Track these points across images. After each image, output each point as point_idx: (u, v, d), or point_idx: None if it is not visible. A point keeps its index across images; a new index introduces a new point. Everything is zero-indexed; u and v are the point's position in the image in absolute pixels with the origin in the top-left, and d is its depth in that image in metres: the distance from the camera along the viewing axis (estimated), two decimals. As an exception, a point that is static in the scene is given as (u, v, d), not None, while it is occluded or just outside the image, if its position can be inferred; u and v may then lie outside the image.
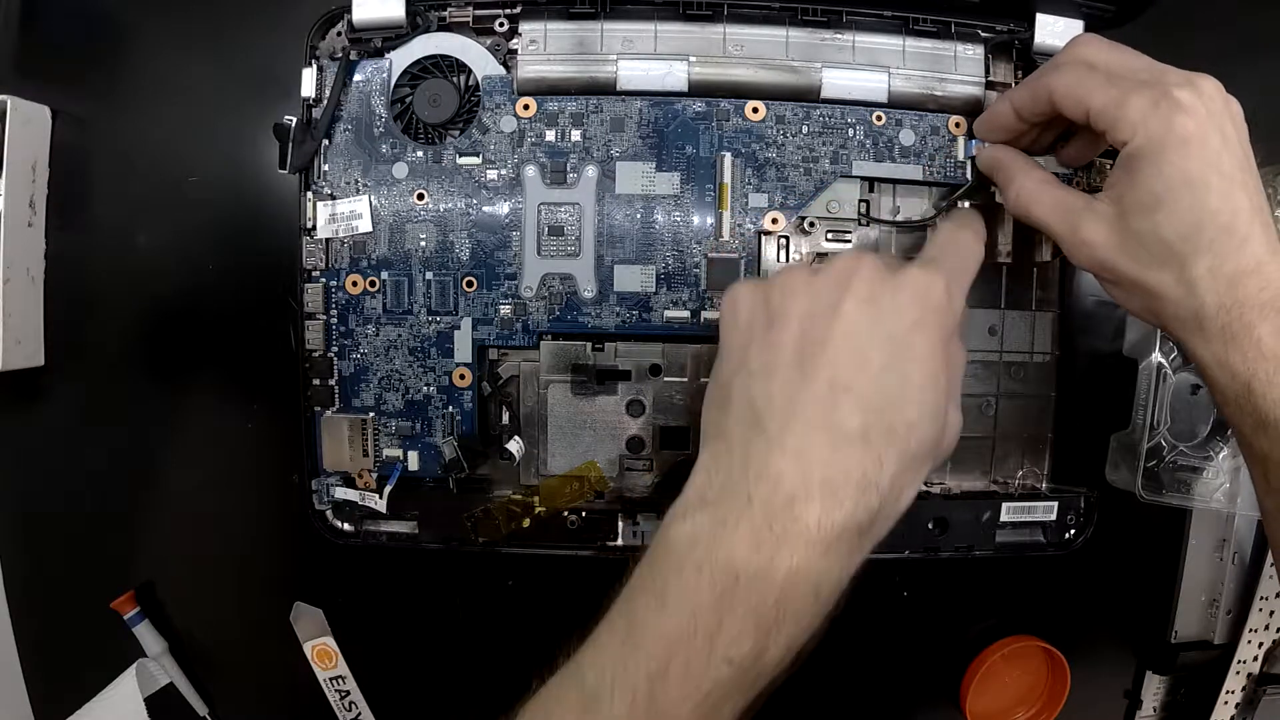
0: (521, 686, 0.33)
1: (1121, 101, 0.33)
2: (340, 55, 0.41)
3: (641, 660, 0.28)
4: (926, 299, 0.31)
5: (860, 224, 0.43)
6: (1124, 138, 0.33)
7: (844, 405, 0.29)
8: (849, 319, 0.30)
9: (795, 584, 0.28)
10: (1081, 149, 0.40)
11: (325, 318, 0.42)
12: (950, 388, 0.32)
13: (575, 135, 0.41)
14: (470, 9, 0.41)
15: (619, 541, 0.44)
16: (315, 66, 0.41)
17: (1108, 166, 0.42)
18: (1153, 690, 0.49)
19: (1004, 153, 0.39)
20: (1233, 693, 0.49)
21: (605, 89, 0.41)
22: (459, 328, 0.42)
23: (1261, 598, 0.48)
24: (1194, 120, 0.32)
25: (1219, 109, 0.33)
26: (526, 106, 0.41)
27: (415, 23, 0.41)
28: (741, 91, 0.42)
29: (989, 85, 0.43)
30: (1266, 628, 0.49)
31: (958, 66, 0.42)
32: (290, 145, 0.41)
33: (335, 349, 0.42)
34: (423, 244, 0.42)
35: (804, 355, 0.30)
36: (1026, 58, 0.43)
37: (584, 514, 0.43)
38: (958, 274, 0.34)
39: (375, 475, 0.43)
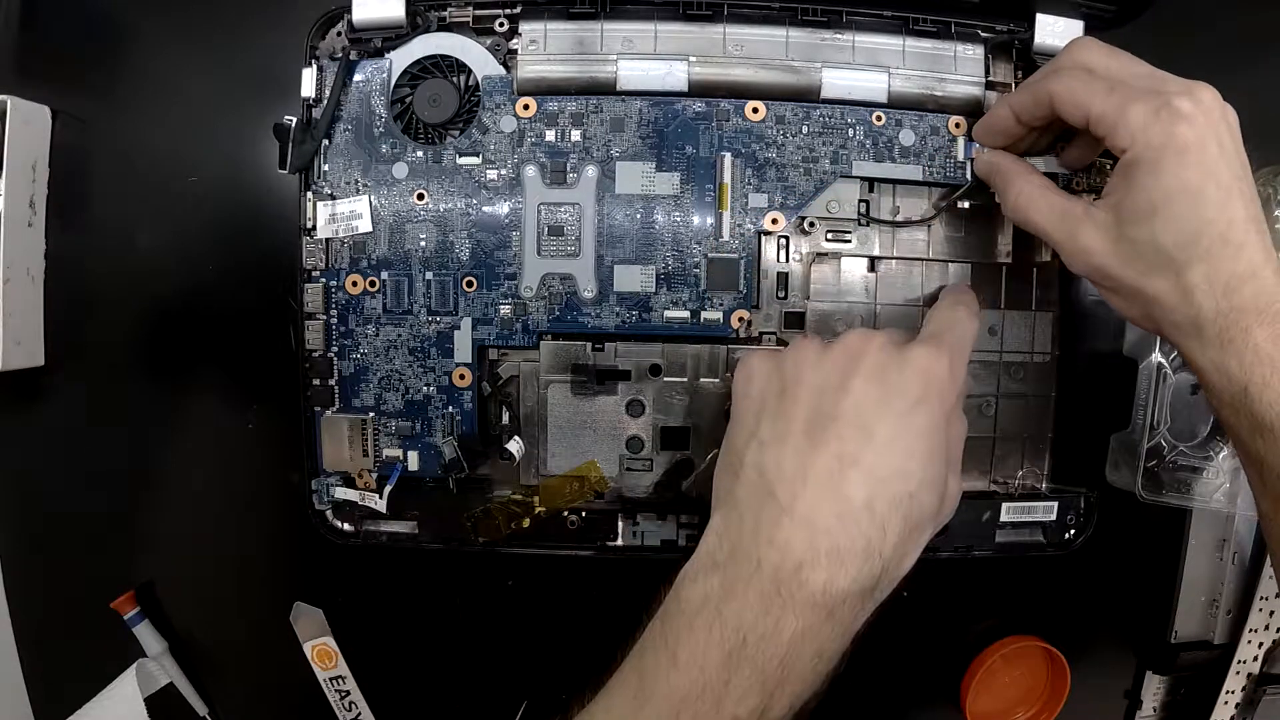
0: (522, 686, 0.33)
1: (1122, 109, 0.33)
2: (340, 55, 0.41)
3: (651, 716, 0.30)
4: (930, 376, 0.32)
5: (860, 224, 0.43)
6: (1123, 145, 0.33)
7: (851, 477, 0.31)
8: (857, 394, 0.32)
9: (800, 645, 0.29)
10: (1082, 152, 0.40)
11: (325, 318, 0.42)
12: (950, 458, 0.33)
13: (575, 135, 0.41)
14: (470, 9, 0.41)
15: (619, 541, 0.44)
16: (315, 66, 0.41)
17: (1108, 166, 0.42)
18: (1153, 690, 0.49)
19: (1002, 158, 0.39)
20: (1233, 693, 0.49)
21: (605, 89, 0.41)
22: (459, 328, 0.42)
23: (1261, 598, 0.48)
24: (1193, 129, 0.32)
25: (1217, 118, 0.33)
26: (526, 106, 0.41)
27: (415, 23, 0.41)
28: (741, 91, 0.42)
29: (989, 85, 0.43)
30: (1266, 628, 0.49)
31: (958, 67, 0.42)
32: (290, 145, 0.41)
33: (335, 349, 0.42)
34: (423, 244, 0.42)
35: (814, 427, 0.32)
36: (1026, 58, 0.43)
37: (584, 514, 0.43)
38: (959, 350, 0.35)
39: (375, 475, 0.43)
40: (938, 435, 0.32)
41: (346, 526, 0.44)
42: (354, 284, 0.42)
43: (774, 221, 0.42)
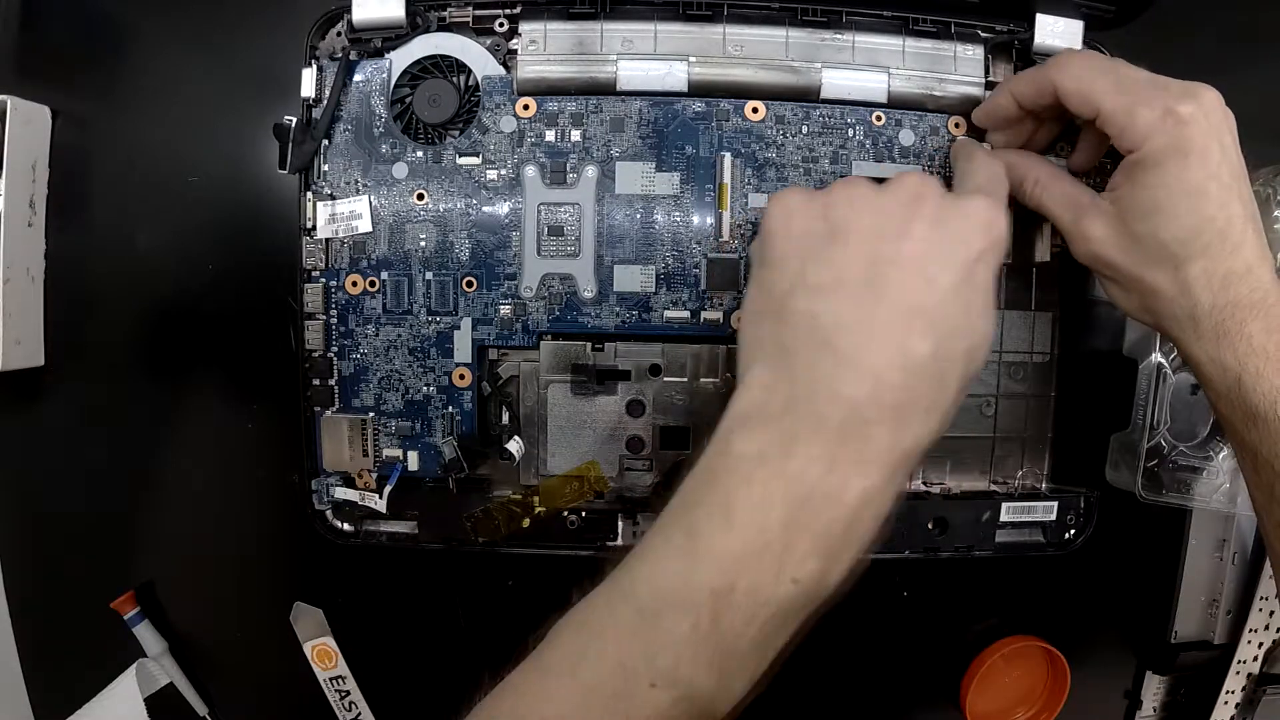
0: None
1: (1131, 111, 0.34)
2: (340, 55, 0.41)
3: (705, 578, 0.27)
4: (990, 230, 0.31)
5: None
6: (1130, 146, 0.34)
7: (917, 328, 0.29)
8: (919, 241, 0.30)
9: (865, 506, 0.28)
10: (1088, 155, 0.41)
11: (325, 318, 0.42)
12: (991, 325, 0.32)
13: (575, 135, 0.41)
14: (470, 9, 0.41)
15: (619, 541, 0.44)
16: (315, 66, 0.41)
17: (1108, 165, 0.42)
18: (1153, 690, 0.49)
19: (1014, 154, 0.40)
20: (1233, 693, 0.49)
21: (605, 89, 0.41)
22: (459, 328, 0.42)
23: (1261, 598, 0.48)
24: (1196, 132, 0.33)
25: (1218, 120, 0.34)
26: (526, 106, 0.41)
27: (415, 23, 0.41)
28: (741, 91, 0.42)
29: (989, 86, 0.43)
30: (1266, 628, 0.49)
31: (957, 67, 0.42)
32: (290, 145, 0.41)
33: (335, 349, 0.42)
34: (423, 244, 0.42)
35: (874, 274, 0.30)
36: (1026, 58, 0.43)
37: (584, 514, 0.43)
38: (1004, 205, 0.35)
39: (375, 475, 0.43)
40: (991, 292, 0.31)
41: (346, 526, 0.44)
42: (354, 284, 0.42)
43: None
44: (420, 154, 0.41)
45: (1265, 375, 0.33)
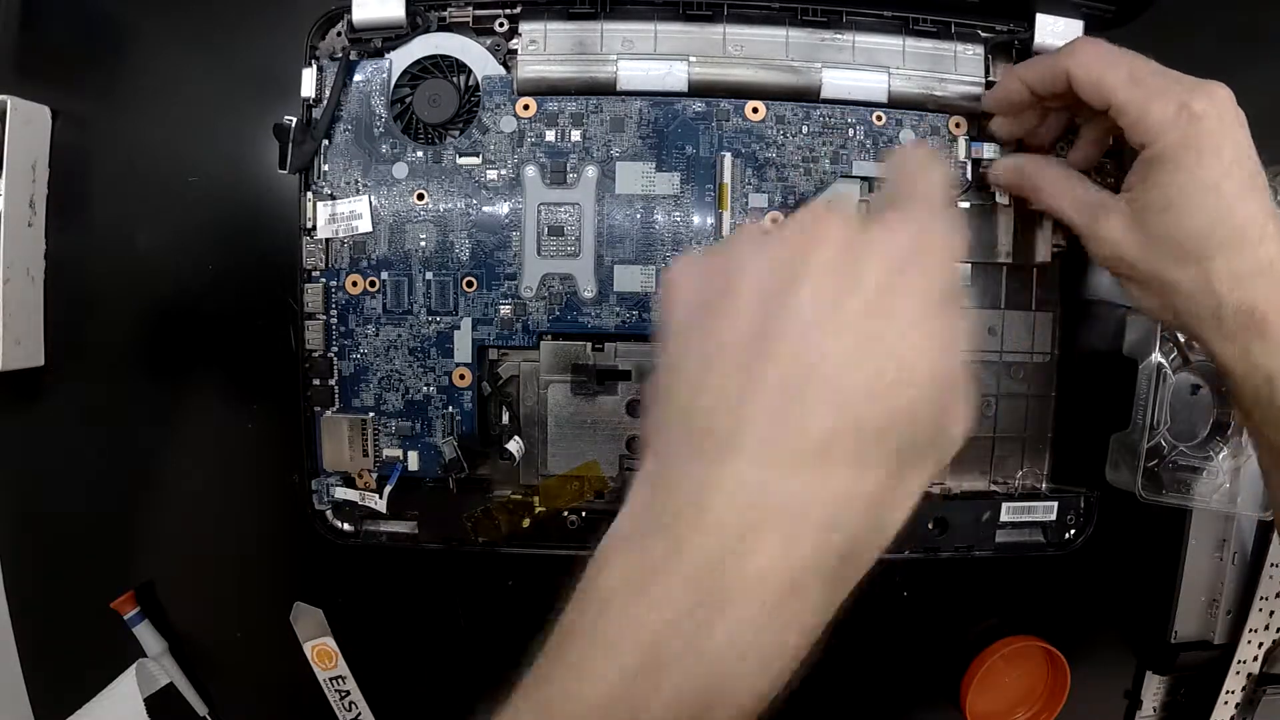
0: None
1: (1144, 105, 0.34)
2: (340, 55, 0.41)
3: None
4: (907, 250, 0.25)
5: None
6: (1144, 141, 0.34)
7: (803, 409, 0.23)
8: (810, 295, 0.24)
9: (741, 645, 0.23)
10: (1088, 152, 0.40)
11: (325, 318, 0.42)
12: (946, 365, 0.25)
13: (575, 135, 0.41)
14: (470, 9, 0.41)
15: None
16: (315, 66, 0.41)
17: (1107, 165, 0.42)
18: (1153, 690, 0.49)
19: (1025, 159, 0.40)
20: (1233, 693, 0.49)
21: (605, 89, 0.41)
22: (459, 328, 0.42)
23: (1261, 598, 0.48)
24: (1210, 129, 0.33)
25: (1232, 117, 0.34)
26: (526, 106, 0.41)
27: (415, 23, 0.41)
28: (741, 91, 0.42)
29: (989, 86, 0.43)
30: (1266, 628, 0.49)
31: (958, 66, 0.42)
32: (290, 145, 0.41)
33: (335, 349, 0.42)
34: (423, 244, 0.42)
35: (751, 347, 0.24)
36: (1026, 58, 0.43)
37: (584, 514, 0.43)
38: (934, 207, 0.27)
39: (375, 475, 0.43)
40: (931, 326, 0.24)
41: (346, 526, 0.44)
42: (354, 284, 0.42)
43: (774, 221, 0.42)
44: (420, 154, 0.41)
45: None
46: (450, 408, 0.42)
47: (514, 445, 0.42)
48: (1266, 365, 0.33)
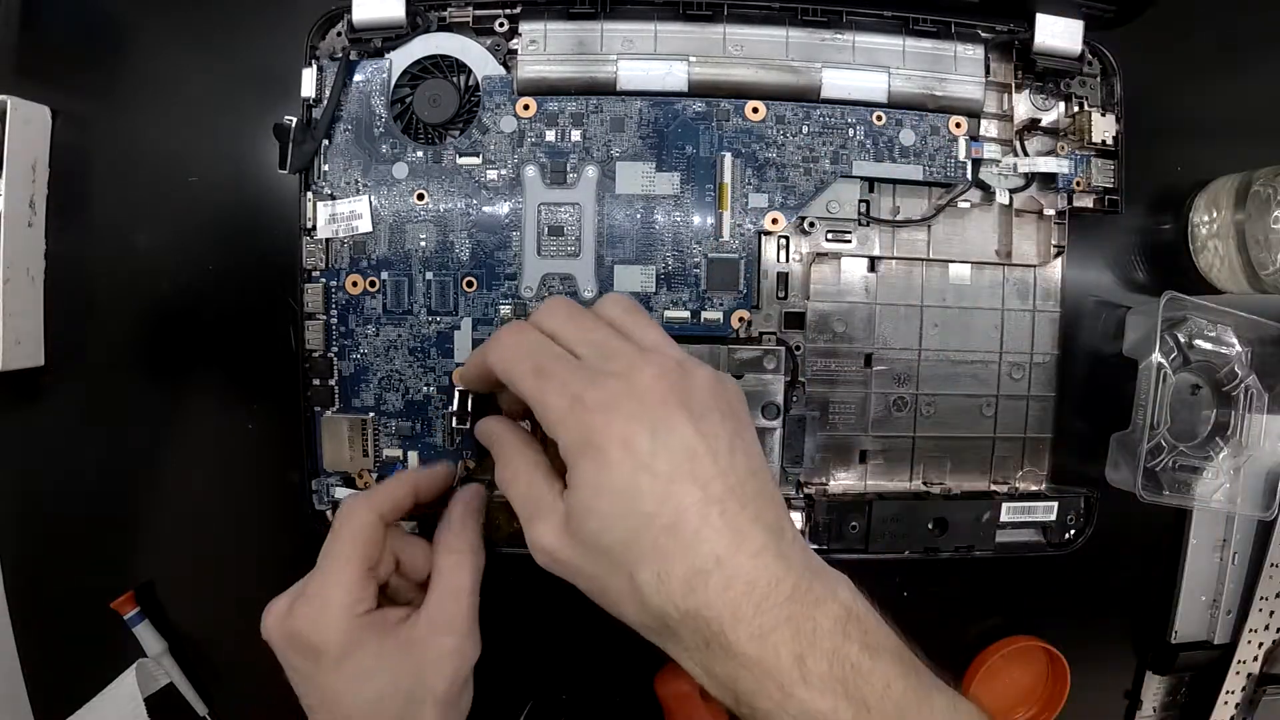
0: (525, 687, 0.32)
1: (542, 400, 0.30)
2: (340, 55, 0.41)
3: None
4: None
5: (860, 224, 0.43)
6: (553, 437, 0.30)
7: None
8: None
9: None
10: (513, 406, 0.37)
11: (325, 318, 0.42)
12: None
13: (575, 135, 0.41)
14: (470, 9, 0.41)
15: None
16: (315, 66, 0.41)
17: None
18: (1153, 690, 0.49)
19: (497, 425, 0.36)
20: (1233, 693, 0.49)
21: (605, 89, 0.41)
22: (459, 328, 0.42)
23: (1261, 598, 0.48)
24: (613, 422, 0.29)
25: (656, 400, 0.30)
26: (526, 106, 0.41)
27: (415, 23, 0.41)
28: (741, 91, 0.42)
29: (989, 85, 0.43)
30: (1266, 628, 0.49)
31: (958, 66, 0.42)
32: (290, 145, 0.41)
33: (335, 349, 0.42)
34: (423, 244, 0.42)
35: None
36: (1026, 58, 0.43)
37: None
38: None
39: (375, 475, 0.42)
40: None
41: (346, 526, 0.43)
42: (354, 284, 0.42)
43: (774, 221, 0.42)
44: (420, 154, 0.41)
45: (761, 692, 0.27)
46: (451, 408, 0.42)
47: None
48: (731, 680, 0.28)
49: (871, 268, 0.44)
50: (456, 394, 0.39)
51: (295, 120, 0.41)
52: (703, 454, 0.29)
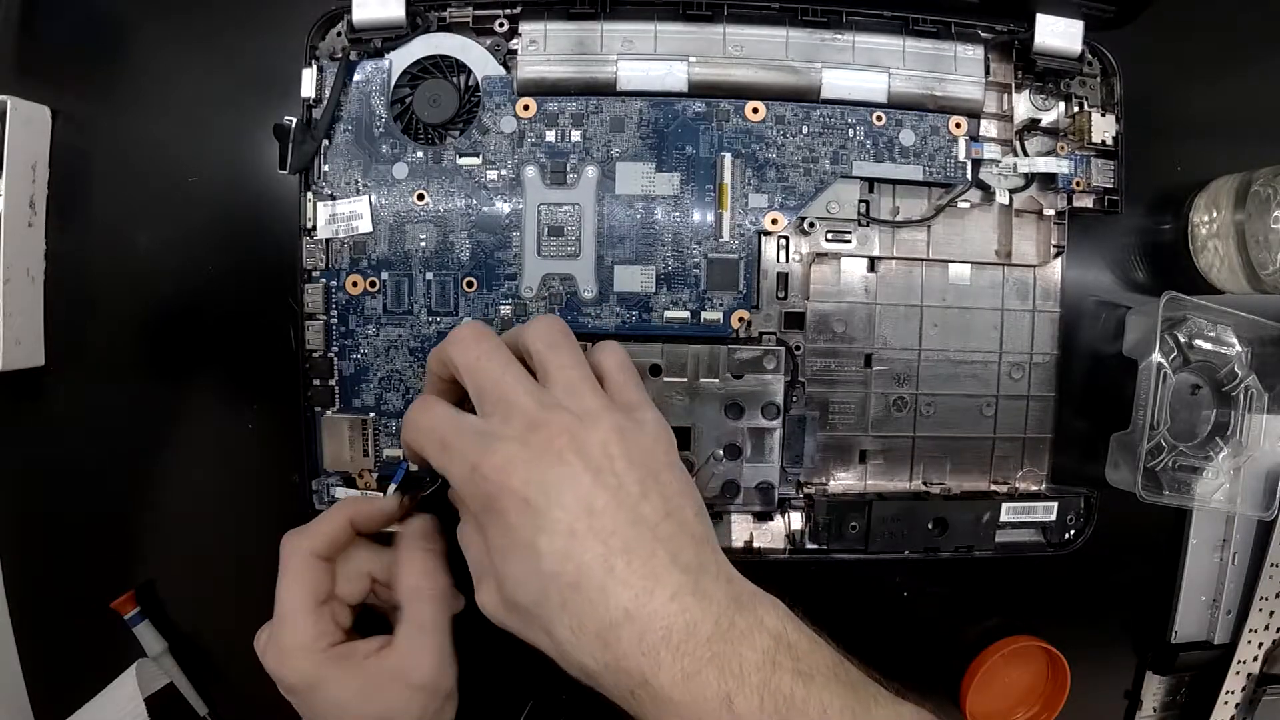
0: (526, 687, 0.32)
1: (448, 472, 0.31)
2: (340, 55, 0.41)
3: None
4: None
5: (860, 224, 0.43)
6: (460, 508, 0.32)
7: None
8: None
9: None
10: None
11: (325, 318, 0.42)
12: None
13: (575, 135, 0.41)
14: (470, 9, 0.41)
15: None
16: (315, 66, 0.41)
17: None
18: (1153, 690, 0.49)
19: (457, 497, 0.35)
20: (1233, 693, 0.49)
21: (605, 89, 0.41)
22: (459, 328, 0.42)
23: (1261, 598, 0.48)
24: (507, 485, 0.29)
25: (550, 459, 0.30)
26: (526, 107, 0.41)
27: (415, 23, 0.41)
28: (741, 92, 0.42)
29: (989, 85, 0.43)
30: (1266, 628, 0.49)
31: (958, 67, 0.42)
32: (290, 145, 0.41)
33: (335, 349, 0.42)
34: (423, 244, 0.42)
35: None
36: (1026, 58, 0.43)
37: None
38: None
39: (376, 475, 0.42)
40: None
41: (346, 526, 0.43)
42: (354, 284, 0.42)
43: (774, 222, 0.42)
44: (420, 154, 0.41)
45: None
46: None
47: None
48: None
49: (871, 268, 0.44)
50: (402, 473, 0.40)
51: (295, 120, 0.41)
52: (603, 506, 0.29)
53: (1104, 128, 0.43)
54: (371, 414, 0.42)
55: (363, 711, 0.33)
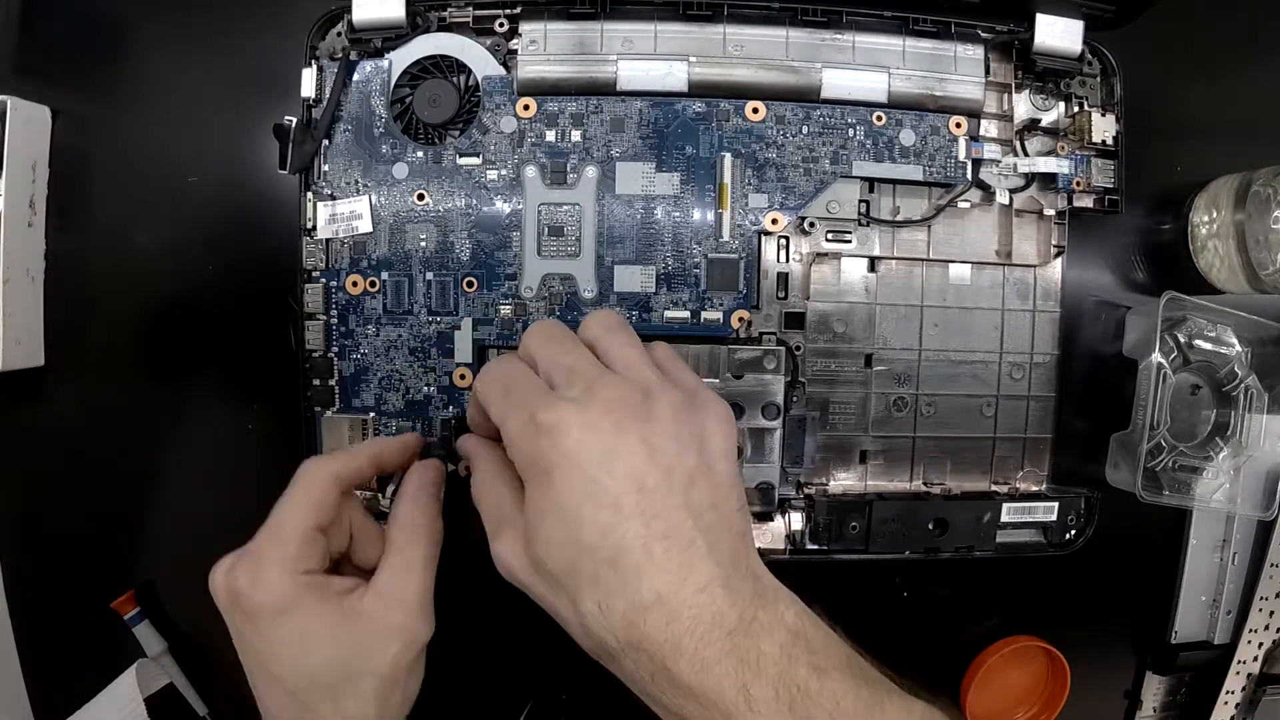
0: (526, 687, 0.32)
1: (503, 420, 0.31)
2: (340, 55, 0.41)
3: None
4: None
5: (860, 224, 0.43)
6: (511, 457, 0.31)
7: None
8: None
9: None
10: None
11: (325, 318, 0.42)
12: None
13: (575, 135, 0.41)
14: (470, 9, 0.41)
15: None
16: (315, 66, 0.41)
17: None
18: (1153, 690, 0.49)
19: (473, 443, 0.36)
20: (1233, 693, 0.49)
21: (605, 89, 0.41)
22: (459, 328, 0.42)
23: (1261, 598, 0.48)
24: (563, 445, 0.28)
25: (609, 426, 0.29)
26: (526, 107, 0.41)
27: (415, 23, 0.41)
28: (741, 92, 0.42)
29: (989, 85, 0.43)
30: (1266, 628, 0.49)
31: (958, 67, 0.42)
32: (290, 145, 0.41)
33: (335, 349, 0.42)
34: (423, 244, 0.42)
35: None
36: (1026, 58, 0.43)
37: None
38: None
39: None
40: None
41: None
42: (354, 284, 0.42)
43: (774, 221, 0.42)
44: (420, 154, 0.41)
45: None
46: (451, 408, 0.42)
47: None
48: (678, 709, 0.28)
49: (871, 268, 0.44)
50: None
51: (295, 120, 0.41)
52: (653, 485, 0.29)
53: (1104, 128, 0.43)
54: (371, 414, 0.42)
55: (328, 652, 0.31)
